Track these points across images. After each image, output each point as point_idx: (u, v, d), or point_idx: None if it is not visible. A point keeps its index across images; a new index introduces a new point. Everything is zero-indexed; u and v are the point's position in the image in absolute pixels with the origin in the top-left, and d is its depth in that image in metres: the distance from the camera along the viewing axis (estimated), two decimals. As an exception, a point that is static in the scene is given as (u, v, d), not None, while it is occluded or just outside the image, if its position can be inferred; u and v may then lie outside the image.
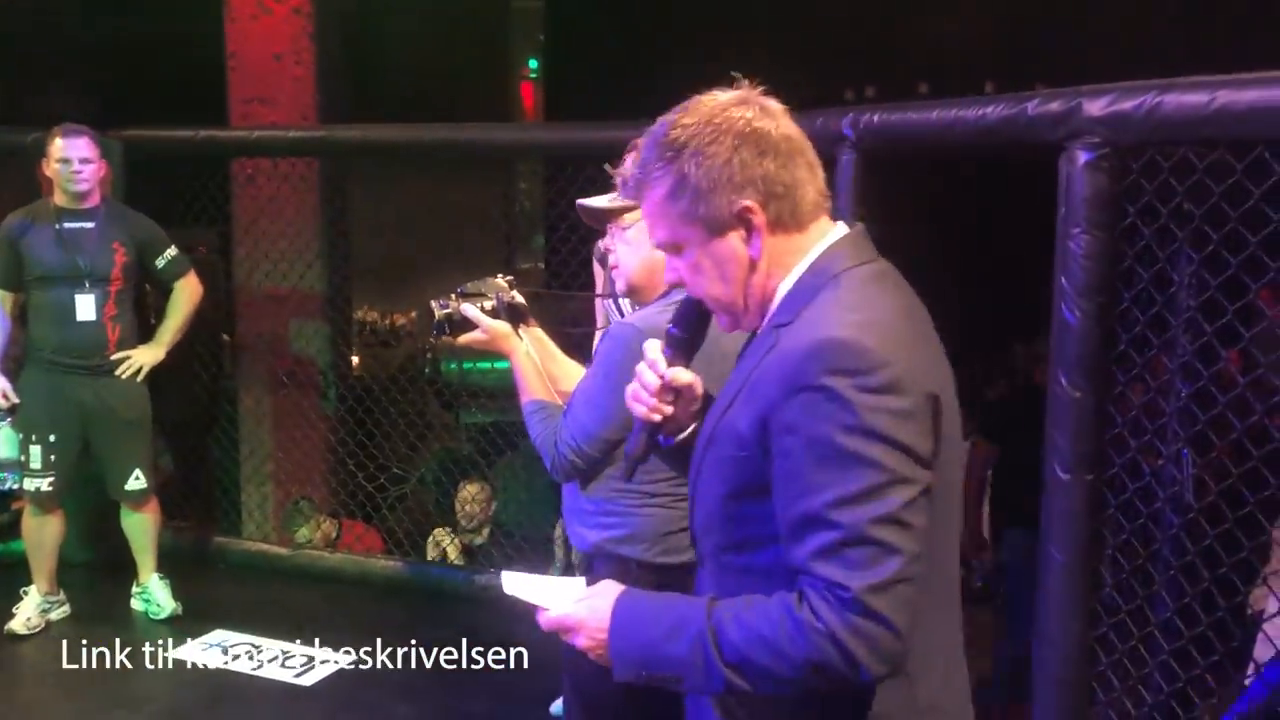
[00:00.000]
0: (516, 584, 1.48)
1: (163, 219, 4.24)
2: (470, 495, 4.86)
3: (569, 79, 7.94)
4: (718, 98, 1.37)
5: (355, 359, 6.72)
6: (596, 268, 3.12)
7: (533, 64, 9.63)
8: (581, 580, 1.49)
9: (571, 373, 2.29)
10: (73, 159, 3.80)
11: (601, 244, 3.02)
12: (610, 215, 2.15)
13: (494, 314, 2.15)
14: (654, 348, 1.47)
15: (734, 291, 1.38)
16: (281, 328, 5.17)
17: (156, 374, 4.08)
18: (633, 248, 2.11)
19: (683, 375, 1.47)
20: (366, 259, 6.23)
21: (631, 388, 1.48)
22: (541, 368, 2.21)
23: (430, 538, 4.89)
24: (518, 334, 2.21)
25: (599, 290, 3.04)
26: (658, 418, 1.47)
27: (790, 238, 1.36)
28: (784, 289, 1.37)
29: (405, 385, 5.43)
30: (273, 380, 5.18)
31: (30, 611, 3.96)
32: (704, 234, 1.35)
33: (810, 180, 1.38)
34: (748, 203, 1.33)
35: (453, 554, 4.77)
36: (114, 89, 6.45)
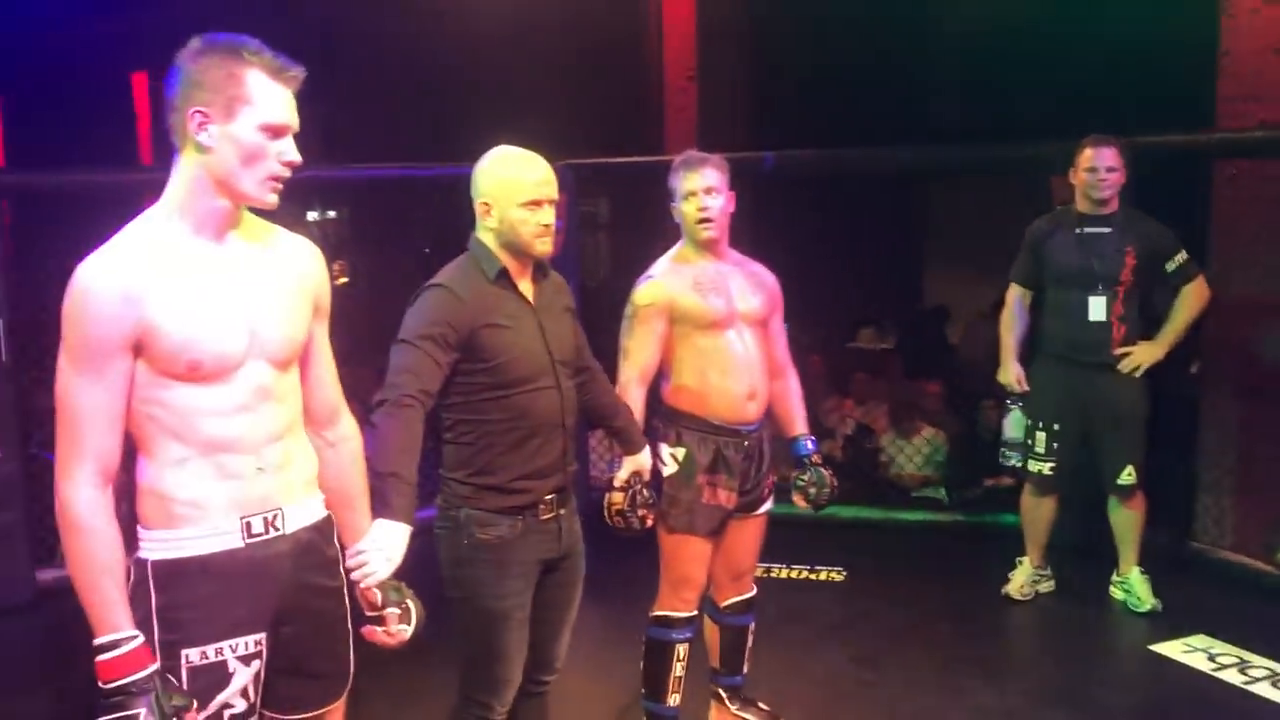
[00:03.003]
0: None
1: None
2: None
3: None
4: None
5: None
6: None
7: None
8: None
9: None
10: (1099, 168, 4.06)
11: None
12: None
13: None
14: None
15: None
16: (1256, 336, 4.92)
17: (1149, 372, 4.18)
18: None
19: None
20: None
21: None
22: None
23: None
24: None
25: None
26: None
27: None
28: None
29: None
30: (1240, 389, 4.95)
31: (1023, 580, 4.39)
32: None
33: None
34: None
35: None
36: (1090, 93, 6.61)
